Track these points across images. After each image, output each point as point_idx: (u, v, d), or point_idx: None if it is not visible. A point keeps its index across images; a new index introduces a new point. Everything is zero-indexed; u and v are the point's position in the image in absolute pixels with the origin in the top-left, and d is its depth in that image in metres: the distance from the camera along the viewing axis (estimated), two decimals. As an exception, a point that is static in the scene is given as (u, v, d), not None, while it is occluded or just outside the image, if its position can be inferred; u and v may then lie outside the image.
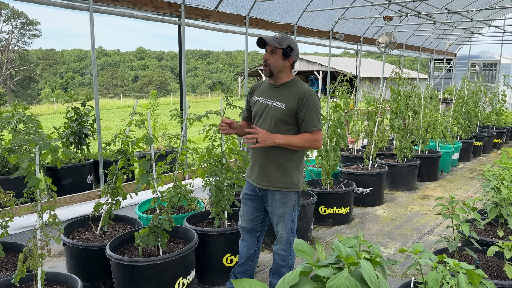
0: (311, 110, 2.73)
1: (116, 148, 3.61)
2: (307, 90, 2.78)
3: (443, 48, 14.97)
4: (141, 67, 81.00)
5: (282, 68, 2.81)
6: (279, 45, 2.73)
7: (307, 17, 8.13)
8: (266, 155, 2.84)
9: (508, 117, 10.39)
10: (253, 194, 3.03)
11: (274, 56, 2.77)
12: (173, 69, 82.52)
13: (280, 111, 2.78)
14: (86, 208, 5.01)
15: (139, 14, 5.53)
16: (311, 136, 2.74)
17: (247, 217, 3.09)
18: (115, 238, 3.22)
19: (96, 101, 5.21)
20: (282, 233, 2.95)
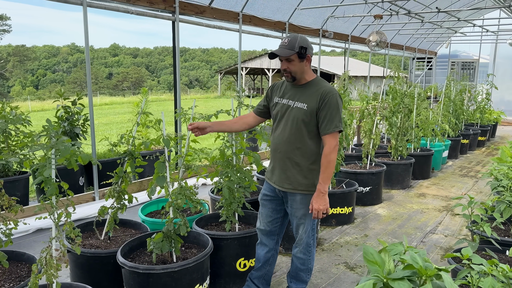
0: (333, 111, 2.64)
1: (122, 149, 3.44)
2: (329, 89, 2.69)
3: (425, 47, 15.20)
4: (116, 64, 79.45)
5: (303, 70, 2.72)
6: (292, 51, 2.63)
7: (298, 14, 8.07)
8: (288, 158, 2.76)
9: (491, 115, 10.63)
10: (273, 195, 2.94)
11: (292, 63, 2.67)
12: (149, 66, 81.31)
13: (302, 112, 2.69)
14: (80, 211, 4.80)
15: (133, 9, 5.33)
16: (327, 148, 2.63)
17: (266, 219, 3.00)
18: (125, 244, 3.06)
19: (90, 99, 4.99)
20: (302, 236, 2.87)
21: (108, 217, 3.40)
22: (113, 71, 74.13)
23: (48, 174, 1.91)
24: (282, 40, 2.69)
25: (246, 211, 3.67)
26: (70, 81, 58.84)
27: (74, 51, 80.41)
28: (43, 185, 2.00)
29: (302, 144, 2.72)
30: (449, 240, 4.49)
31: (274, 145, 2.86)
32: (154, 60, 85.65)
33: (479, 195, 6.25)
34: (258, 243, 3.12)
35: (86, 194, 5.15)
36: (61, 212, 2.25)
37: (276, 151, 2.83)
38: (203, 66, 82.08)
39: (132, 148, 3.39)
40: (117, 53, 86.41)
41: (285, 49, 2.64)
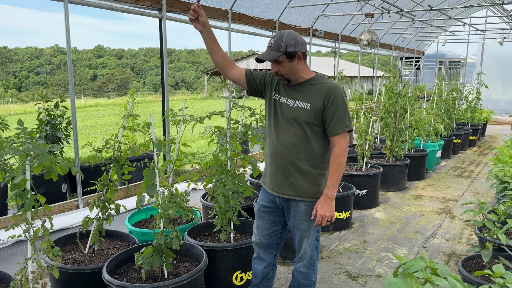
0: (340, 109, 2.39)
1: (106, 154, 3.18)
2: (334, 86, 2.44)
3: (413, 47, 15.16)
4: (100, 66, 78.35)
5: (296, 70, 2.43)
6: (278, 52, 2.34)
7: (288, 13, 7.87)
8: (292, 163, 2.50)
9: (481, 114, 10.58)
10: (272, 207, 2.67)
11: (282, 64, 2.39)
12: (134, 68, 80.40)
13: (304, 112, 2.44)
14: (63, 220, 4.51)
15: (117, 6, 5.06)
16: (336, 150, 2.40)
17: (264, 232, 2.74)
18: (111, 260, 2.80)
19: (72, 101, 4.71)
20: (306, 249, 2.62)
21: (93, 229, 3.14)
22: (98, 73, 73.11)
23: (19, 181, 1.65)
24: (269, 41, 2.41)
25: (241, 219, 3.45)
26: (54, 83, 57.80)
27: (58, 52, 79.05)
28: (18, 200, 1.74)
29: (307, 147, 2.47)
30: (451, 245, 4.32)
31: (273, 148, 2.57)
32: (139, 61, 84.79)
33: (476, 196, 6.12)
34: (254, 257, 2.86)
35: (69, 202, 4.86)
36: (38, 229, 1.99)
37: (277, 156, 2.55)
38: (189, 67, 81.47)
39: (118, 153, 3.14)
40: (101, 54, 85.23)
41: (271, 51, 2.37)
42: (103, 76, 67.82)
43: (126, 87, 62.71)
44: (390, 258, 3.98)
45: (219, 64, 2.57)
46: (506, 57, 15.15)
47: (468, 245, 4.32)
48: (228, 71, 2.58)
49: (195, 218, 3.73)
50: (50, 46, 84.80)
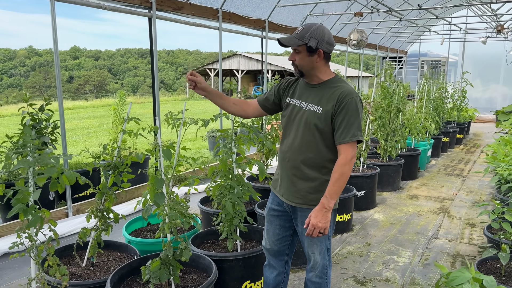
0: (351, 117, 2.22)
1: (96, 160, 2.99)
2: (349, 91, 2.28)
3: (396, 46, 15.28)
4: (76, 67, 76.75)
5: (312, 66, 2.30)
6: (301, 41, 2.24)
7: (278, 12, 7.76)
8: (299, 168, 2.37)
9: (467, 113, 10.71)
10: (281, 210, 2.54)
11: (300, 55, 2.28)
12: (111, 69, 79.06)
13: (315, 116, 2.30)
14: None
15: (106, 4, 4.84)
16: (342, 159, 2.25)
17: (274, 237, 2.60)
18: (114, 273, 2.62)
19: (60, 104, 4.47)
20: (317, 258, 2.47)
21: (91, 240, 2.94)
22: (74, 74, 71.58)
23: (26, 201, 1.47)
24: (298, 27, 2.31)
25: (247, 225, 3.30)
26: (29, 86, 56.32)
27: (32, 54, 77.12)
28: (21, 216, 1.56)
29: (315, 153, 2.33)
30: (454, 245, 4.27)
31: (282, 153, 2.47)
32: (117, 62, 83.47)
33: (470, 194, 6.13)
34: (265, 264, 2.73)
35: (57, 211, 4.62)
36: (41, 246, 1.81)
37: (285, 160, 2.43)
38: (168, 68, 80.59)
39: (118, 159, 2.95)
40: (77, 55, 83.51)
41: (294, 38, 2.26)
42: (80, 77, 66.44)
43: (104, 88, 61.64)
44: (395, 261, 3.90)
45: (236, 113, 2.60)
46: (484, 56, 15.44)
47: (470, 245, 4.29)
48: (246, 114, 2.62)
49: (196, 225, 3.57)
50: (24, 47, 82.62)
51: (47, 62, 73.55)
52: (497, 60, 15.14)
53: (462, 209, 5.42)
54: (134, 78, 74.44)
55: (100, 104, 31.20)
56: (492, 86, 15.89)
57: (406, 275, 3.62)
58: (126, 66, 79.98)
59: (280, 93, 2.53)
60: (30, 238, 1.71)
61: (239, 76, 34.18)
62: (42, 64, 72.01)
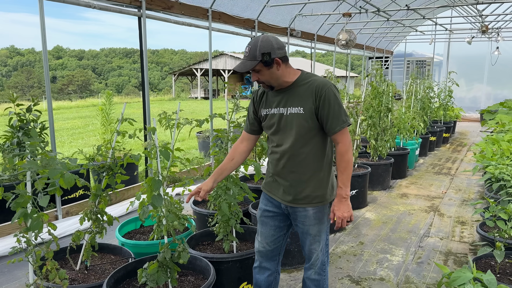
0: (335, 106, 2.24)
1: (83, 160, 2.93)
2: (323, 83, 2.27)
3: (382, 46, 15.41)
4: (60, 67, 75.64)
5: (277, 76, 2.27)
6: (254, 61, 2.19)
7: (267, 12, 7.75)
8: (294, 171, 2.36)
9: (453, 112, 10.86)
10: (277, 211, 2.52)
11: (260, 73, 2.25)
12: (95, 69, 78.11)
13: (300, 118, 2.28)
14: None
15: (95, 3, 4.77)
16: (340, 147, 2.27)
17: (268, 238, 2.57)
18: (110, 277, 2.57)
19: (49, 104, 4.38)
20: (318, 255, 2.48)
21: (85, 243, 2.89)
22: (57, 74, 70.48)
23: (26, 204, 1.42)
24: (245, 49, 2.25)
25: (243, 226, 3.28)
26: (11, 86, 55.29)
27: (14, 54, 75.78)
28: (20, 220, 1.51)
29: (307, 153, 2.33)
30: (446, 243, 4.32)
31: (274, 158, 2.43)
32: (101, 62, 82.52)
33: (459, 193, 6.21)
34: (255, 266, 2.68)
35: (47, 213, 4.52)
36: (39, 251, 1.76)
37: (279, 165, 2.41)
38: (153, 68, 79.93)
39: (112, 161, 2.90)
40: (61, 55, 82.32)
41: (246, 61, 2.22)
42: (63, 78, 65.49)
43: (88, 88, 60.86)
44: (389, 260, 3.92)
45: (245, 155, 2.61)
46: (468, 56, 15.68)
47: (461, 243, 4.34)
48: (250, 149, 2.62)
49: (191, 227, 3.54)
50: (5, 47, 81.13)
51: (30, 62, 72.32)
52: (481, 60, 15.40)
53: (452, 207, 5.49)
54: (119, 78, 73.69)
55: (84, 105, 30.79)
56: (476, 85, 16.16)
57: (400, 274, 3.64)
58: (111, 66, 79.12)
59: (256, 109, 2.49)
60: (28, 242, 1.66)
61: (226, 76, 34.11)
62: (24, 64, 70.78)
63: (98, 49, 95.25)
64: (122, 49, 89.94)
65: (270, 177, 2.52)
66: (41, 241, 2.05)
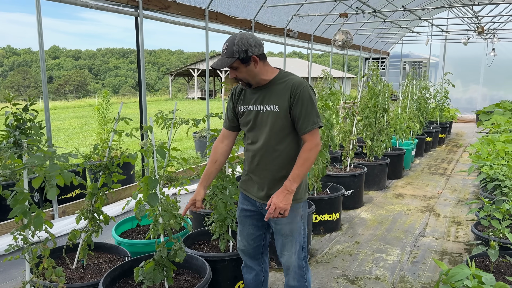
0: (307, 106, 2.24)
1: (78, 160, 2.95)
2: (299, 82, 2.28)
3: (379, 47, 15.47)
4: (56, 67, 75.45)
5: (254, 73, 2.27)
6: (231, 58, 2.20)
7: (264, 12, 7.77)
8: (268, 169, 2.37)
9: (448, 113, 10.92)
10: (252, 210, 2.51)
11: (237, 70, 2.26)
12: (92, 69, 77.94)
13: (275, 115, 2.29)
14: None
15: (92, 3, 4.77)
16: (307, 145, 2.25)
17: (247, 237, 2.58)
18: (106, 275, 2.58)
19: (46, 103, 4.39)
20: (291, 257, 2.42)
21: (81, 242, 2.90)
22: (54, 74, 70.31)
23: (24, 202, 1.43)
24: (222, 46, 2.25)
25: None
26: (7, 86, 55.11)
27: (10, 53, 75.53)
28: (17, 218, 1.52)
29: (281, 150, 2.33)
30: (441, 243, 4.34)
31: (251, 157, 2.44)
32: (97, 62, 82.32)
33: (454, 193, 6.24)
34: (243, 266, 2.70)
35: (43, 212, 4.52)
36: (35, 248, 1.77)
37: (253, 162, 2.42)
38: (150, 68, 79.85)
39: (108, 160, 2.91)
40: (57, 55, 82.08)
41: (224, 57, 2.22)
42: (60, 78, 65.31)
43: (84, 88, 60.72)
44: (384, 259, 3.94)
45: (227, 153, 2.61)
46: (464, 57, 15.76)
47: (456, 242, 4.37)
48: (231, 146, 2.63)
49: (187, 226, 3.54)
50: (1, 47, 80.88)
51: (26, 62, 72.08)
52: (477, 61, 15.48)
53: (447, 207, 5.52)
54: (116, 78, 73.54)
55: (81, 105, 30.70)
56: (472, 86, 16.24)
57: (395, 273, 3.66)
58: (107, 66, 78.95)
59: (234, 105, 2.49)
60: (25, 240, 1.67)
61: (223, 76, 34.11)
62: (20, 64, 70.54)
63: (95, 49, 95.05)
64: (119, 49, 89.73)
65: (246, 175, 2.53)
66: (38, 239, 2.06)
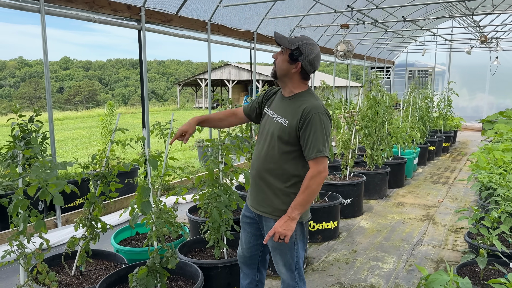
0: (315, 132, 2.22)
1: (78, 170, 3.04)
2: (314, 105, 2.27)
3: (384, 57, 15.53)
4: (67, 78, 76.54)
5: (286, 73, 2.33)
6: (289, 45, 2.29)
7: (266, 24, 7.90)
8: (262, 178, 2.40)
9: (452, 121, 10.91)
10: (252, 217, 2.56)
11: (282, 56, 2.33)
12: (102, 79, 78.90)
13: (280, 128, 2.32)
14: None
15: (96, 17, 4.93)
16: (311, 172, 2.25)
17: (246, 245, 2.62)
18: (102, 282, 2.66)
19: (50, 114, 4.52)
20: (282, 269, 2.45)
21: (79, 249, 2.99)
22: (64, 85, 71.29)
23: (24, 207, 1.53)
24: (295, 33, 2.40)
25: (234, 233, 3.36)
26: (19, 96, 56.02)
27: (22, 65, 76.82)
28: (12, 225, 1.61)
29: (278, 164, 2.34)
30: (438, 251, 4.37)
31: (252, 160, 2.52)
32: (107, 73, 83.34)
33: (455, 202, 6.25)
34: (240, 272, 2.75)
35: (47, 221, 4.64)
36: (30, 254, 1.86)
37: (252, 169, 2.48)
38: (159, 78, 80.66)
39: (106, 169, 3.01)
40: (68, 66, 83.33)
41: (285, 38, 2.32)
42: (70, 88, 66.19)
43: (94, 99, 61.43)
44: (380, 268, 3.98)
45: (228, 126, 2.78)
46: (470, 66, 15.75)
47: (454, 251, 4.39)
48: (236, 122, 2.75)
49: (184, 234, 3.63)
50: (14, 58, 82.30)
51: (37, 73, 73.20)
52: (482, 70, 15.47)
53: (447, 216, 5.53)
54: (125, 88, 74.29)
55: (90, 115, 31.07)
56: (479, 95, 16.20)
57: (390, 281, 3.70)
58: (117, 77, 79.87)
59: (262, 102, 2.60)
60: (20, 245, 1.76)
61: (230, 86, 34.35)
62: (32, 74, 71.64)
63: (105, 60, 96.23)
64: (128, 60, 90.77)
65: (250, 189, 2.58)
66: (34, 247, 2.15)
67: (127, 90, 73.47)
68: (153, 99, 67.74)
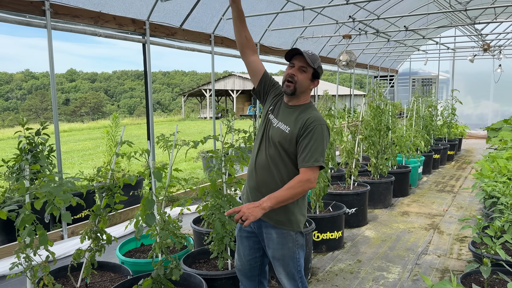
0: (315, 142, 2.29)
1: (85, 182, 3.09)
2: (316, 117, 2.36)
3: (387, 65, 15.58)
4: (73, 89, 77.25)
5: (305, 89, 2.43)
6: (312, 64, 2.37)
7: (269, 36, 7.98)
8: (263, 184, 2.41)
9: (457, 129, 10.90)
10: (249, 231, 2.56)
11: (303, 74, 2.39)
12: (108, 91, 79.53)
13: (282, 135, 2.37)
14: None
15: (101, 31, 5.02)
16: (300, 177, 2.27)
17: (244, 258, 2.62)
18: (108, 293, 2.69)
19: (56, 127, 4.59)
20: (284, 280, 2.47)
21: (85, 261, 3.02)
22: (71, 97, 71.91)
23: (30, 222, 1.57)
24: (305, 50, 2.41)
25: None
26: (25, 109, 56.55)
27: (29, 77, 77.65)
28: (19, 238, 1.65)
29: (279, 170, 2.39)
30: (443, 261, 4.36)
31: (250, 166, 2.52)
32: (113, 84, 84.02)
33: (460, 210, 6.23)
34: (240, 285, 2.75)
35: (53, 233, 4.68)
36: (36, 266, 1.90)
37: (251, 175, 2.49)
38: (164, 89, 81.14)
39: (111, 182, 3.05)
40: (74, 78, 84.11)
41: (308, 57, 2.37)
42: (76, 100, 66.74)
43: (100, 110, 61.88)
44: (385, 278, 3.97)
45: (241, 44, 2.61)
46: (474, 73, 15.75)
47: (459, 260, 4.37)
48: (247, 55, 2.61)
49: (188, 245, 3.65)
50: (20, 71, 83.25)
51: (44, 85, 73.94)
52: (486, 77, 15.46)
53: (452, 225, 5.52)
54: (131, 99, 74.78)
55: (96, 126, 31.30)
56: (483, 102, 16.17)
57: (395, 291, 3.69)
58: (123, 88, 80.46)
59: (273, 92, 2.59)
60: (27, 258, 1.80)
61: (235, 96, 34.50)
62: (38, 87, 72.35)
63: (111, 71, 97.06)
64: (133, 71, 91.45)
65: (244, 188, 2.60)
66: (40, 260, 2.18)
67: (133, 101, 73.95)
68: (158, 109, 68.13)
